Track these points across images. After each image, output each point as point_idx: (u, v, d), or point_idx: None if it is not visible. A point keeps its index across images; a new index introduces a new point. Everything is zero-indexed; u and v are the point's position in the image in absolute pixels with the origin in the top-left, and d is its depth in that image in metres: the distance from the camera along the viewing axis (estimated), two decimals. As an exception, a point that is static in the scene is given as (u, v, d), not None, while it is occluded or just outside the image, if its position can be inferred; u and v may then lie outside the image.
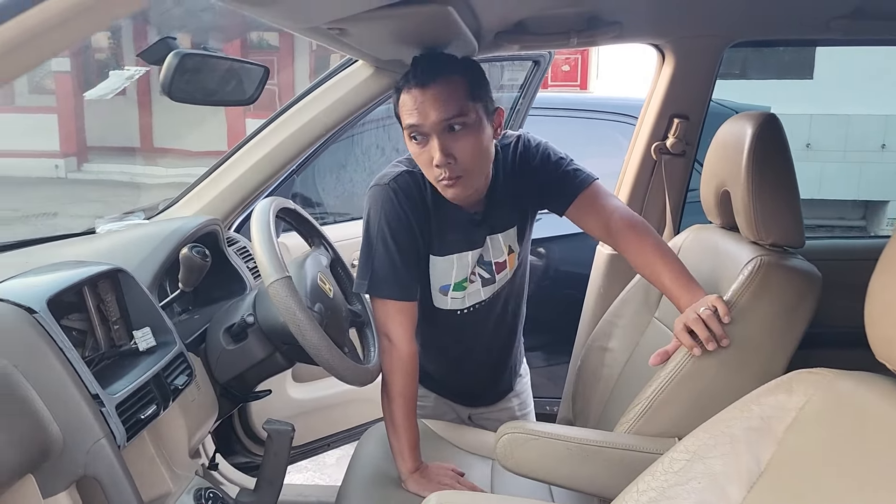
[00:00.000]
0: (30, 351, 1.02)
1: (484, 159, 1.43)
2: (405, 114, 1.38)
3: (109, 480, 1.04)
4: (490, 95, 1.43)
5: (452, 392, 1.80)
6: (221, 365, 1.51)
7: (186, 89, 1.08)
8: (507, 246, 1.59)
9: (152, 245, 1.48)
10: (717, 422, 0.99)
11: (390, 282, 1.49)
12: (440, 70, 1.37)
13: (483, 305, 1.62)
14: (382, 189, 1.49)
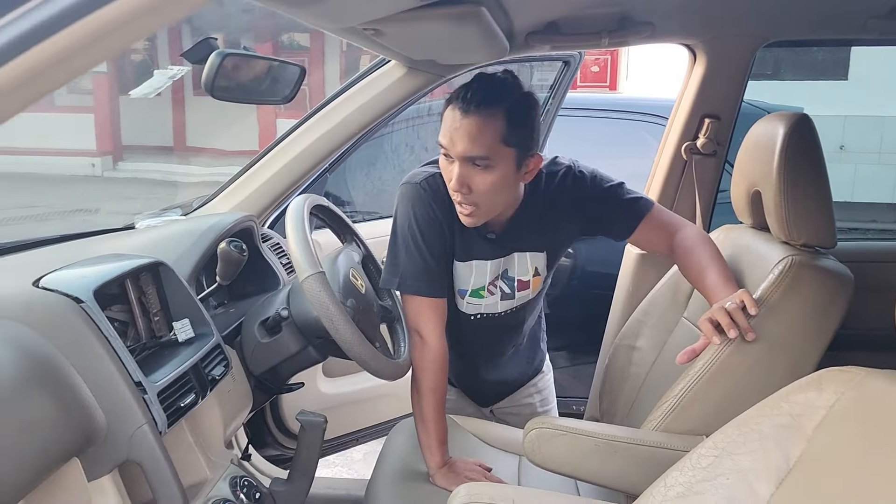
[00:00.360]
0: (77, 339, 1.06)
1: (500, 197, 1.44)
2: (442, 128, 1.40)
3: (151, 465, 1.08)
4: (530, 139, 1.41)
5: (466, 387, 1.83)
6: (256, 357, 1.55)
7: (227, 88, 1.12)
8: (534, 268, 1.60)
9: (191, 240, 1.52)
10: (747, 419, 1.00)
11: (419, 278, 1.52)
12: (484, 103, 1.35)
13: (498, 316, 1.64)
14: (413, 188, 1.51)
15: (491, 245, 1.55)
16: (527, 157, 1.42)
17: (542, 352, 1.88)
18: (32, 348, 1.02)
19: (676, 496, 0.99)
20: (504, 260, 1.58)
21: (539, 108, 1.44)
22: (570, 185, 1.54)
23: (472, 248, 1.56)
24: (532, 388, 1.86)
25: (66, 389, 1.02)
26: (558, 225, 1.57)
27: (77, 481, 1.05)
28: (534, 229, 1.56)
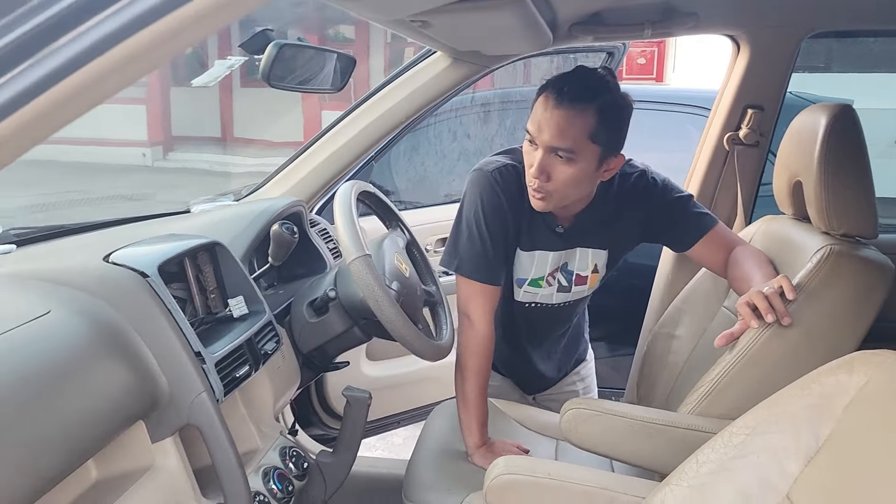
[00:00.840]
0: (143, 311, 1.14)
1: (576, 190, 1.47)
2: (532, 115, 1.42)
3: (209, 430, 1.15)
4: (616, 140, 1.43)
5: (514, 375, 1.87)
6: (304, 336, 1.62)
7: (283, 76, 1.18)
8: (594, 264, 1.63)
9: (245, 222, 1.60)
10: (778, 399, 1.03)
11: (476, 263, 1.55)
12: (578, 98, 1.37)
13: (552, 307, 1.67)
14: (484, 176, 1.54)
15: (556, 237, 1.59)
16: (609, 157, 1.44)
17: (585, 340, 1.92)
18: (105, 318, 1.10)
19: (708, 472, 1.03)
20: (566, 253, 1.61)
21: (631, 109, 1.45)
22: (641, 190, 1.57)
23: (538, 239, 1.59)
24: (575, 377, 1.90)
25: (133, 357, 1.10)
26: (624, 226, 1.60)
27: (142, 442, 1.13)
28: (600, 227, 1.59)
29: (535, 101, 1.43)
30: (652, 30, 1.64)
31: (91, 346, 1.05)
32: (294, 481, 1.36)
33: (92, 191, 9.62)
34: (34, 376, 0.94)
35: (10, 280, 1.13)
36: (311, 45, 1.23)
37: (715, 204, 1.96)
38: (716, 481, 1.01)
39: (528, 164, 1.45)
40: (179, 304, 1.37)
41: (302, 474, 1.39)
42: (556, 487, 1.16)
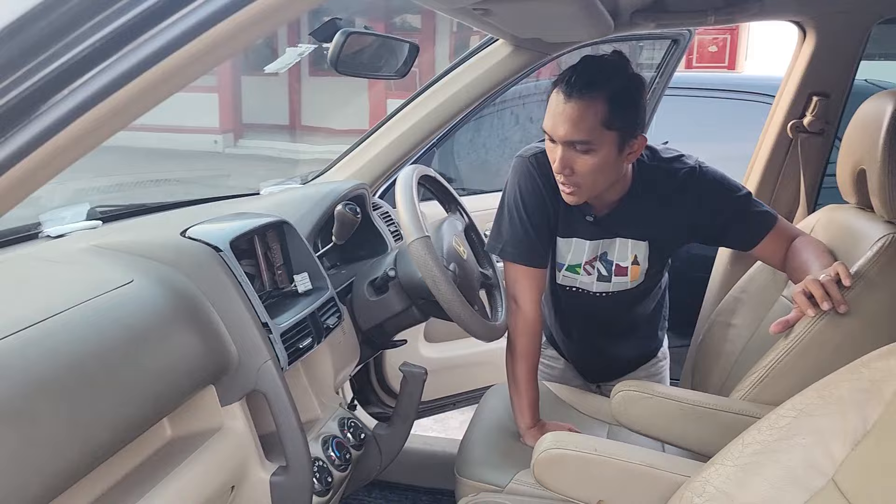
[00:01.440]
0: (215, 283, 1.22)
1: (603, 179, 1.46)
2: (547, 112, 1.43)
3: (274, 396, 1.22)
4: (633, 122, 1.42)
5: (575, 361, 1.88)
6: (364, 314, 1.68)
7: (350, 63, 1.24)
8: (634, 256, 1.61)
9: (311, 203, 1.67)
10: (827, 383, 1.03)
11: (519, 247, 1.59)
12: (586, 87, 1.37)
13: (594, 296, 1.66)
14: (523, 161, 1.58)
15: (591, 227, 1.59)
16: (630, 139, 1.43)
17: (657, 340, 1.88)
18: (181, 288, 1.19)
19: (753, 453, 1.04)
20: (604, 242, 1.61)
21: (645, 89, 1.46)
22: (690, 186, 1.54)
23: (574, 226, 1.60)
24: (642, 372, 1.88)
25: (206, 325, 1.18)
26: (669, 220, 1.57)
27: (212, 405, 1.21)
28: (640, 218, 1.57)
29: (549, 97, 1.44)
30: (715, 16, 1.63)
31: (168, 314, 1.13)
32: (351, 450, 1.43)
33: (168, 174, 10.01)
34: (117, 340, 1.02)
35: (98, 252, 1.23)
36: (376, 33, 1.29)
37: (776, 193, 1.93)
38: (761, 462, 1.03)
39: (551, 160, 1.46)
40: (248, 278, 1.46)
41: (359, 444, 1.46)
42: (601, 463, 1.20)
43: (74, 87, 0.53)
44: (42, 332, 0.94)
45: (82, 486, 1.01)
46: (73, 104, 0.53)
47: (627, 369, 1.87)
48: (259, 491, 1.24)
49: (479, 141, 3.14)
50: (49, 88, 0.53)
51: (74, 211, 1.51)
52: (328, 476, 1.33)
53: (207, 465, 1.15)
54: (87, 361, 0.95)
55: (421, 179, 1.73)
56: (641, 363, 1.87)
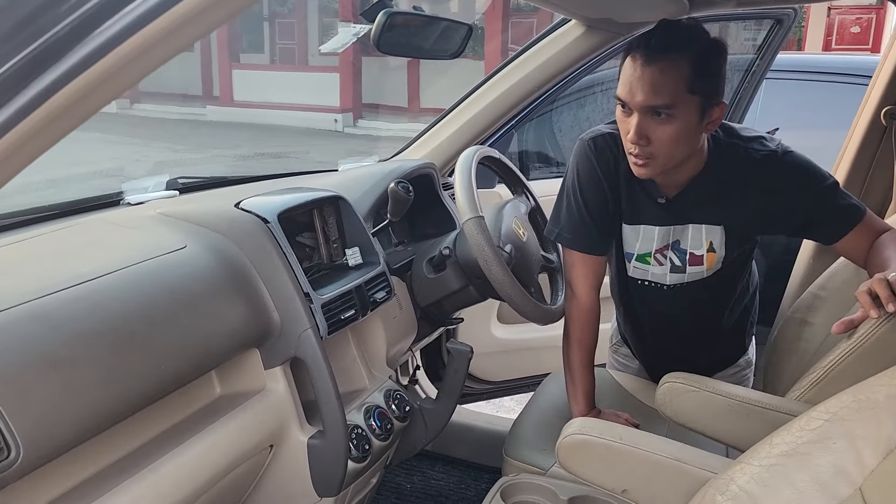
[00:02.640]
0: (262, 252, 1.29)
1: (680, 149, 1.37)
2: (620, 80, 1.36)
3: (312, 363, 1.28)
4: (715, 87, 1.35)
5: (647, 361, 1.80)
6: (422, 291, 1.72)
7: (394, 43, 1.26)
8: (709, 242, 1.52)
9: (373, 180, 1.72)
10: (864, 387, 0.97)
11: (575, 233, 1.54)
12: (667, 49, 1.30)
13: (667, 288, 1.58)
14: (582, 145, 1.53)
15: (661, 211, 1.51)
16: (710, 107, 1.35)
17: (741, 345, 1.76)
18: (230, 256, 1.27)
19: (780, 454, 1.00)
20: (676, 229, 1.52)
21: (726, 55, 1.37)
22: (770, 172, 1.44)
23: (641, 212, 1.53)
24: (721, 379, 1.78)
25: (251, 292, 1.26)
26: (745, 204, 1.47)
27: (256, 368, 1.29)
28: (714, 200, 1.48)
29: (622, 66, 1.36)
30: (801, -7, 1.53)
31: (215, 279, 1.21)
32: (395, 421, 1.47)
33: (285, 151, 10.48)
34: (161, 300, 1.11)
35: (161, 219, 1.33)
36: (423, 14, 1.30)
37: (867, 186, 1.79)
38: (787, 464, 0.98)
39: (623, 132, 1.38)
40: (308, 250, 1.53)
41: (403, 416, 1.50)
42: (624, 452, 1.18)
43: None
44: (91, 288, 1.03)
45: (133, 431, 1.11)
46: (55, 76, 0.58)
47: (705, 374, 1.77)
48: (297, 452, 1.31)
49: (582, 115, 3.08)
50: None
51: (156, 181, 1.63)
52: (366, 444, 1.37)
53: (247, 422, 1.23)
54: (129, 318, 1.04)
55: (485, 160, 1.74)
56: (720, 369, 1.75)
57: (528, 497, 1.29)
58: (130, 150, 10.25)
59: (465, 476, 2.25)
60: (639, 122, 1.33)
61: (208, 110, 13.64)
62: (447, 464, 2.28)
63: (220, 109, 13.55)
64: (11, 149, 0.59)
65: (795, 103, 3.11)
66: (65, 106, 0.58)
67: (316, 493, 1.34)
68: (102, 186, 1.56)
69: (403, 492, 2.17)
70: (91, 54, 0.57)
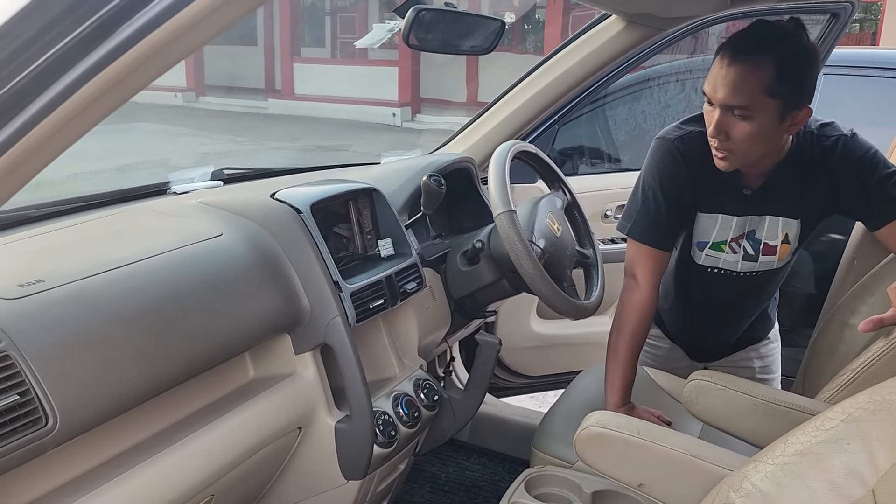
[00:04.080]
0: (294, 241, 1.33)
1: (757, 148, 1.41)
2: (708, 76, 1.41)
3: (341, 349, 1.33)
4: (800, 91, 1.37)
5: (686, 341, 1.84)
6: (456, 283, 1.75)
7: (424, 38, 1.29)
8: (785, 234, 1.56)
9: (410, 174, 1.75)
10: (880, 388, 0.96)
11: (649, 228, 1.57)
12: (752, 52, 1.34)
13: (737, 276, 1.62)
14: (666, 143, 1.55)
15: (743, 201, 1.54)
16: (793, 110, 1.37)
17: (770, 320, 1.83)
18: (265, 244, 1.32)
19: (794, 453, 0.99)
20: (753, 220, 1.56)
21: (819, 60, 1.40)
22: (839, 155, 1.47)
23: (722, 201, 1.56)
24: (752, 352, 1.82)
25: (283, 279, 1.31)
26: (817, 194, 1.51)
27: (287, 353, 1.34)
28: (793, 192, 1.51)
29: (714, 59, 1.39)
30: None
31: (249, 266, 1.27)
32: (423, 409, 1.51)
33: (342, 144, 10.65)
34: (195, 284, 1.17)
35: (202, 208, 1.39)
36: (453, 10, 1.32)
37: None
38: (801, 463, 0.98)
39: (707, 123, 1.43)
40: (345, 241, 1.58)
41: (432, 405, 1.53)
42: (640, 446, 1.18)
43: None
44: (129, 272, 1.10)
45: (168, 409, 1.18)
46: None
47: (737, 349, 1.81)
48: (325, 435, 1.36)
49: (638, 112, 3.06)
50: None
51: (202, 172, 1.70)
52: (392, 430, 1.41)
53: (276, 404, 1.28)
54: (163, 301, 1.10)
55: (521, 155, 1.75)
56: (752, 343, 1.81)
57: (552, 489, 1.31)
58: (196, 142, 10.59)
59: (499, 468, 2.27)
60: (719, 117, 1.38)
61: (270, 103, 13.94)
62: (482, 455, 2.30)
63: (281, 102, 13.83)
64: (33, 147, 0.64)
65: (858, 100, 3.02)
66: (84, 105, 0.63)
67: (343, 475, 1.38)
68: (162, 175, 1.64)
69: (438, 481, 2.21)
70: (108, 55, 0.62)
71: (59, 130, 0.65)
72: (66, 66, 0.62)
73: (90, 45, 0.62)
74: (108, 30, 0.62)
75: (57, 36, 0.61)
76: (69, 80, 0.62)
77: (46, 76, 0.62)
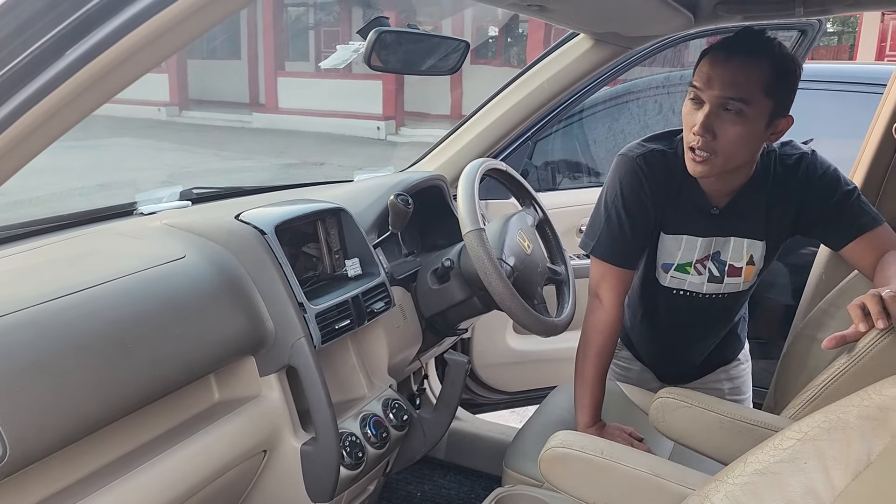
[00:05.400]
0: (258, 263, 1.33)
1: (741, 152, 1.39)
2: (696, 72, 1.38)
3: (305, 371, 1.32)
4: (789, 97, 1.37)
5: (655, 363, 1.83)
6: (426, 301, 1.74)
7: (386, 59, 1.29)
8: (750, 255, 1.54)
9: (379, 192, 1.75)
10: (836, 407, 0.96)
11: (612, 246, 1.55)
12: (749, 49, 1.34)
13: (702, 297, 1.60)
14: (628, 161, 1.52)
15: (707, 222, 1.52)
16: (780, 116, 1.37)
17: (740, 341, 1.82)
18: (228, 266, 1.31)
19: (753, 472, 0.99)
20: (718, 241, 1.54)
21: (801, 72, 1.40)
22: (800, 174, 1.47)
23: (686, 222, 1.54)
24: (722, 374, 1.81)
25: (246, 301, 1.30)
26: (781, 213, 1.50)
27: (252, 375, 1.33)
28: (757, 213, 1.50)
29: (698, 64, 1.38)
30: (804, 8, 1.51)
31: (212, 288, 1.26)
32: (391, 430, 1.50)
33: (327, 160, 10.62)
34: (154, 308, 1.16)
35: (164, 230, 1.38)
36: (415, 32, 1.33)
37: (881, 199, 1.75)
38: (760, 482, 0.98)
39: (689, 126, 1.39)
40: (314, 261, 1.57)
41: (401, 425, 1.52)
42: (604, 466, 1.18)
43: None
44: (87, 297, 1.09)
45: (130, 434, 1.16)
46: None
47: (706, 371, 1.81)
48: (290, 457, 1.34)
49: (616, 128, 3.08)
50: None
51: (170, 192, 1.69)
52: (360, 451, 1.40)
53: (240, 427, 1.27)
54: (121, 326, 1.09)
55: (491, 173, 1.76)
56: (722, 364, 1.80)
57: None
58: (180, 157, 10.54)
59: (475, 485, 2.26)
60: (708, 114, 1.35)
61: (254, 117, 13.94)
62: (458, 472, 2.29)
63: (265, 117, 13.84)
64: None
65: (829, 114, 3.05)
66: (64, 102, 0.62)
67: (309, 498, 1.37)
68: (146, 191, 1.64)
69: (413, 499, 2.19)
70: (87, 53, 0.61)
71: (28, 136, 0.64)
72: (42, 66, 0.62)
73: (65, 47, 0.62)
74: (84, 31, 0.62)
75: (33, 35, 0.61)
76: (43, 80, 0.62)
77: (21, 76, 0.62)
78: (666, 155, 1.50)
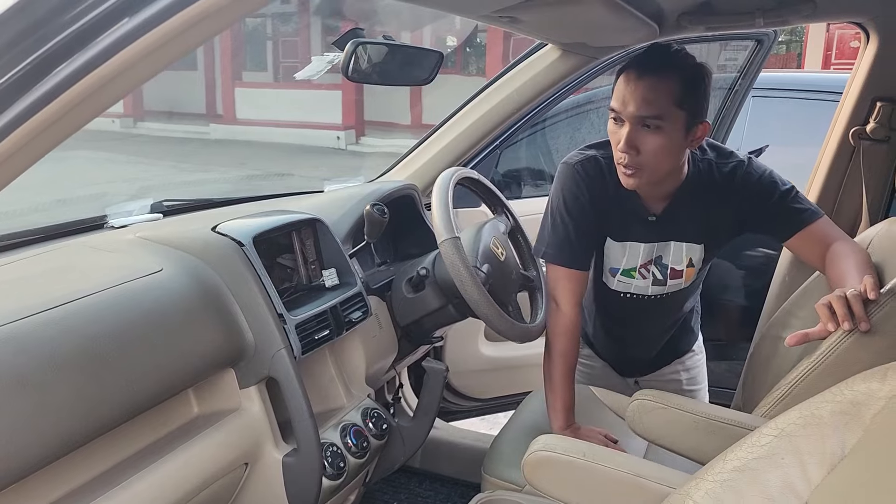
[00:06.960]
0: (236, 275, 1.32)
1: (666, 161, 1.46)
2: (614, 95, 1.46)
3: (286, 382, 1.31)
4: (700, 106, 1.45)
5: (613, 361, 1.89)
6: (402, 310, 1.75)
7: (363, 71, 1.31)
8: (689, 258, 1.62)
9: (353, 202, 1.76)
10: (810, 404, 1.00)
11: (561, 250, 1.61)
12: (658, 67, 1.41)
13: (648, 299, 1.68)
14: (568, 168, 1.60)
15: (649, 228, 1.59)
16: (696, 123, 1.45)
17: (694, 333, 1.90)
18: (206, 279, 1.30)
19: (732, 469, 1.02)
20: (659, 246, 1.61)
21: (710, 79, 1.47)
22: (737, 181, 1.54)
23: (630, 230, 1.61)
24: (679, 366, 1.89)
25: (225, 313, 1.29)
26: (719, 218, 1.58)
27: (232, 387, 1.32)
28: (694, 219, 1.57)
29: (616, 82, 1.45)
30: (764, 19, 1.57)
31: (190, 301, 1.25)
32: (371, 439, 1.50)
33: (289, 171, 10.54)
34: (133, 322, 1.14)
35: (138, 243, 1.37)
36: (391, 43, 1.34)
37: (839, 203, 1.82)
38: (739, 479, 1.01)
39: (614, 144, 1.47)
40: (289, 271, 1.57)
41: (381, 434, 1.53)
42: (587, 468, 1.20)
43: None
44: (64, 312, 1.07)
45: (110, 450, 1.14)
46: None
47: (663, 363, 1.88)
48: (272, 470, 1.34)
49: (579, 138, 3.13)
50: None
51: (140, 205, 1.67)
52: (341, 461, 1.40)
53: (220, 440, 1.26)
54: (100, 340, 1.08)
55: (464, 181, 1.78)
56: (678, 356, 1.88)
57: None
58: (140, 170, 10.35)
59: (451, 493, 2.26)
60: (629, 132, 1.42)
61: (211, 128, 13.76)
62: (434, 481, 2.30)
63: (223, 128, 13.67)
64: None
65: (785, 121, 3.16)
66: (63, 110, 0.62)
67: (291, 510, 1.37)
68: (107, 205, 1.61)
69: (390, 509, 2.19)
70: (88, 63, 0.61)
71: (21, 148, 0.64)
72: (35, 79, 0.61)
73: (59, 60, 0.62)
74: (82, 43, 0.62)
75: (35, 43, 0.61)
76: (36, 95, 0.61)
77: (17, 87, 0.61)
78: (601, 162, 1.57)
